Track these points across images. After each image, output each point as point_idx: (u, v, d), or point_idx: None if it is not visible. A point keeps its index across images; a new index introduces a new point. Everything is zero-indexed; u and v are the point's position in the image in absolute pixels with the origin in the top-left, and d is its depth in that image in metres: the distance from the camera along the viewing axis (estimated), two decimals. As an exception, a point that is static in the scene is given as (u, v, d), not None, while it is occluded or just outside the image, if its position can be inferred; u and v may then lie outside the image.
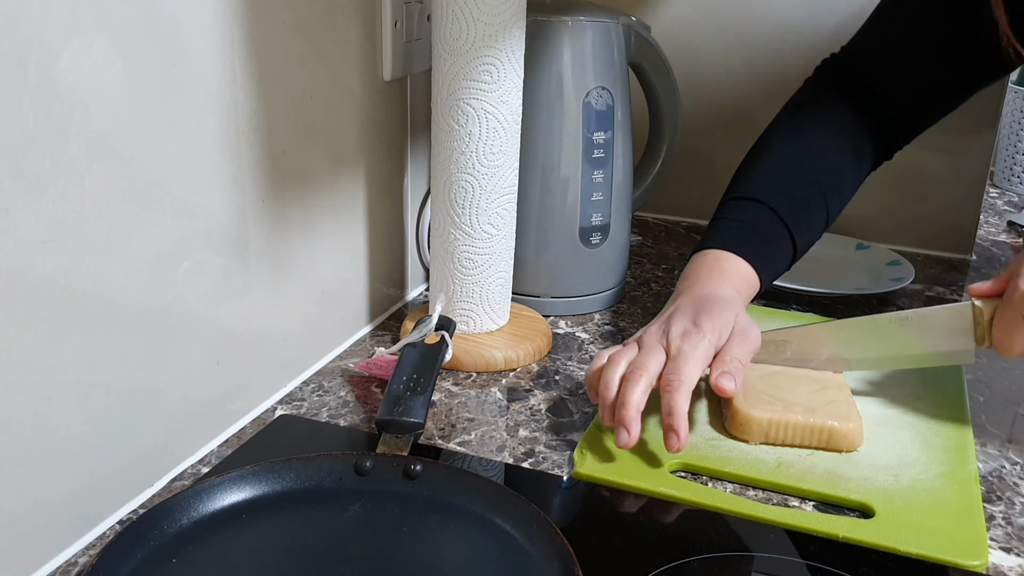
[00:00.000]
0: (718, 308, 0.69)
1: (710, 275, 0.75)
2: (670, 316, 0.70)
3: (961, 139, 1.09)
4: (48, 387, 0.52)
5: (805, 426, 0.66)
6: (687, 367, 0.64)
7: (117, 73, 0.53)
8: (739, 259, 0.76)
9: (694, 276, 0.76)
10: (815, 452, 0.67)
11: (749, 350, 0.68)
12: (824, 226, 0.83)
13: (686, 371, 0.64)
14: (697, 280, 0.75)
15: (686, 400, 0.62)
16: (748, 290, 0.76)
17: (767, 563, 0.56)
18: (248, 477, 0.58)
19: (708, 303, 0.70)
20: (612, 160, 0.89)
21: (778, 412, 0.67)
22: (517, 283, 0.88)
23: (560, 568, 0.51)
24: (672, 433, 0.62)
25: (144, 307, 0.58)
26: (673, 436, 0.61)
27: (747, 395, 0.69)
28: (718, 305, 0.70)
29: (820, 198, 0.81)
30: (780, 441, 0.67)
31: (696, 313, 0.69)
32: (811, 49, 1.10)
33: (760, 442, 0.67)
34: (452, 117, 0.76)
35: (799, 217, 0.79)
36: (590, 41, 0.86)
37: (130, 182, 0.55)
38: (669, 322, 0.69)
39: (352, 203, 0.81)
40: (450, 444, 0.68)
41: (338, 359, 0.81)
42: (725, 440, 0.68)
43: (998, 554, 0.58)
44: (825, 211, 0.82)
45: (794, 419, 0.67)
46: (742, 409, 0.67)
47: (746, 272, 0.76)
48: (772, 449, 0.67)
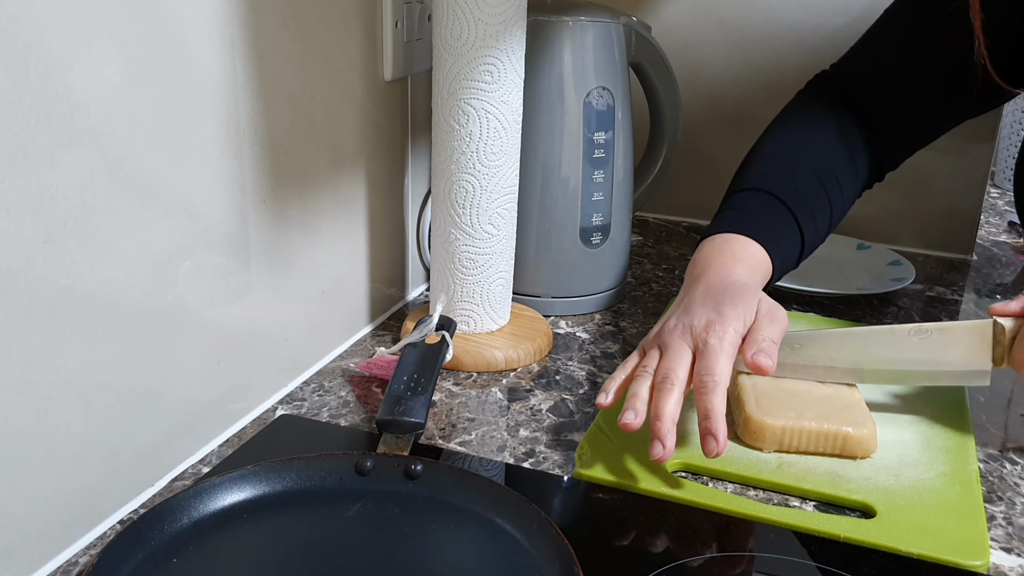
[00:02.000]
0: (739, 294, 0.66)
1: (722, 258, 0.72)
2: (687, 307, 0.67)
3: (962, 139, 1.09)
4: (49, 387, 0.52)
5: (819, 433, 0.65)
6: (718, 363, 0.61)
7: (118, 73, 0.53)
8: (749, 240, 0.74)
9: (705, 261, 0.73)
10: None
11: (779, 330, 0.64)
12: (828, 223, 0.82)
13: (718, 368, 0.61)
14: (709, 265, 0.72)
15: (723, 400, 0.60)
16: (762, 273, 0.73)
17: (768, 563, 0.56)
18: (249, 477, 0.58)
19: (726, 289, 0.67)
20: (613, 160, 0.89)
21: (791, 419, 0.66)
22: (518, 283, 0.88)
23: (560, 568, 0.51)
24: (710, 437, 0.59)
25: (145, 307, 0.58)
26: (711, 440, 0.59)
27: (759, 403, 0.68)
28: (738, 291, 0.67)
29: (822, 190, 0.80)
30: (794, 448, 0.66)
31: (716, 301, 0.66)
32: (812, 49, 1.10)
33: (774, 450, 0.66)
34: (453, 117, 0.76)
35: (804, 206, 0.78)
36: (591, 41, 0.86)
37: (131, 182, 0.55)
38: (689, 314, 0.66)
39: (353, 203, 0.81)
40: (451, 444, 0.68)
41: (339, 359, 0.81)
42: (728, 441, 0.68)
43: (999, 554, 0.58)
44: (828, 205, 0.80)
45: (808, 426, 0.65)
46: (755, 417, 0.66)
47: (758, 254, 0.73)
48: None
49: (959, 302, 1.00)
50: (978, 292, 1.03)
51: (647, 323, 0.91)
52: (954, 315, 0.96)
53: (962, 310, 0.98)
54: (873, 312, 0.95)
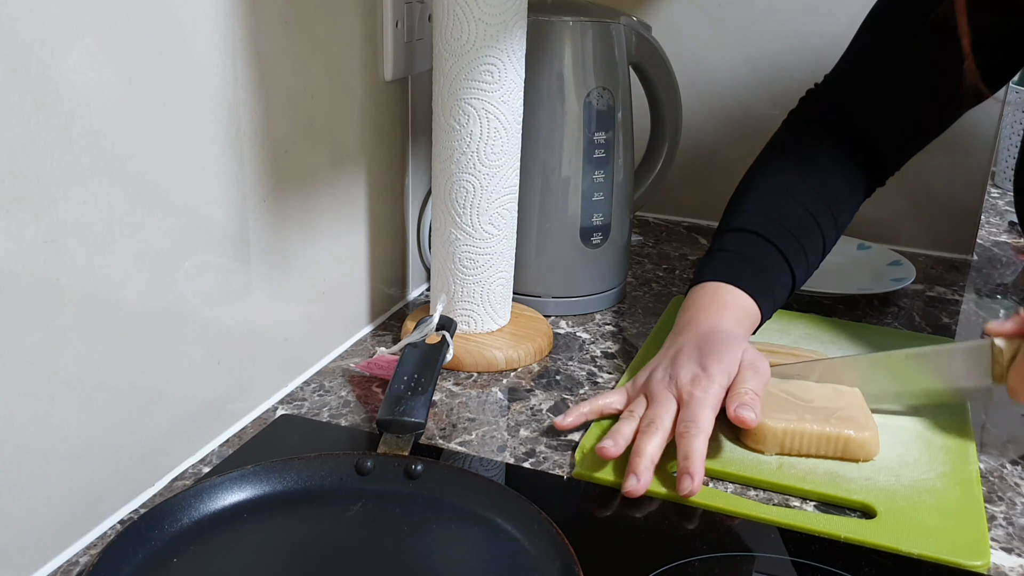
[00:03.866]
0: (725, 346, 0.68)
1: (711, 307, 0.74)
2: (674, 358, 0.69)
3: (962, 139, 1.09)
4: (49, 387, 0.52)
5: (821, 435, 0.65)
6: (702, 414, 0.63)
7: (118, 73, 0.53)
8: (739, 291, 0.75)
9: (694, 309, 0.75)
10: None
11: (761, 383, 0.66)
12: (821, 256, 0.82)
13: (702, 418, 0.63)
14: (697, 314, 0.74)
15: (704, 446, 0.62)
16: (749, 322, 0.75)
17: (768, 563, 0.56)
18: (249, 477, 0.58)
19: (712, 341, 0.69)
20: (613, 160, 0.89)
21: (793, 422, 0.66)
22: (518, 283, 0.88)
23: (561, 568, 0.51)
24: (687, 475, 0.60)
25: (145, 307, 0.58)
26: (687, 479, 0.60)
27: (762, 406, 0.67)
28: (724, 343, 0.69)
29: (816, 228, 0.80)
30: (796, 451, 0.66)
31: (702, 355, 0.68)
32: (812, 49, 1.10)
33: (776, 453, 0.66)
34: (453, 117, 0.76)
35: (796, 248, 0.78)
36: (591, 41, 0.86)
37: (131, 182, 0.55)
38: (675, 366, 0.68)
39: (353, 203, 0.81)
40: (451, 444, 0.68)
41: (339, 359, 0.81)
42: (728, 441, 0.68)
43: (999, 554, 0.58)
44: (822, 241, 0.81)
45: (809, 429, 0.65)
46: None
47: (746, 304, 0.75)
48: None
49: (959, 302, 1.00)
50: (978, 292, 1.03)
51: (647, 323, 0.91)
52: (954, 315, 0.96)
53: (962, 310, 0.98)
54: (873, 312, 0.95)
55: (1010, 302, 1.00)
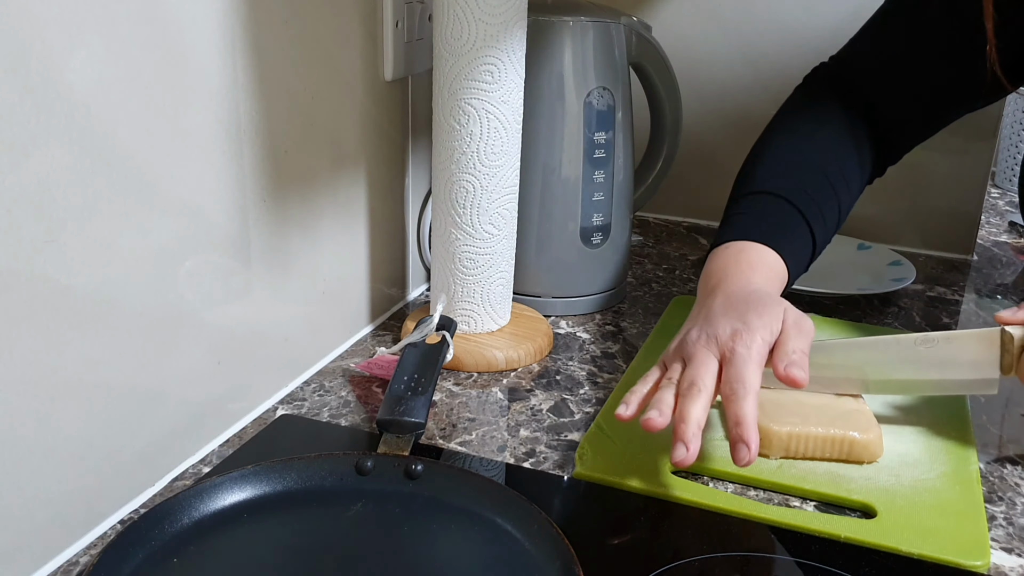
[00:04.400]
0: (763, 303, 0.64)
1: (738, 267, 0.70)
2: (707, 317, 0.65)
3: (962, 139, 1.09)
4: (49, 387, 0.52)
5: (825, 438, 0.65)
6: (748, 371, 0.59)
7: (118, 73, 0.53)
8: (765, 248, 0.71)
9: (720, 271, 0.70)
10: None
11: (807, 342, 0.62)
12: (837, 220, 0.80)
13: (748, 375, 0.58)
14: (725, 275, 0.69)
15: (755, 407, 0.58)
16: (779, 281, 0.71)
17: (768, 563, 0.56)
18: (249, 477, 0.58)
19: (749, 299, 0.65)
20: (613, 160, 0.89)
21: (797, 425, 0.65)
22: (518, 283, 0.88)
23: (561, 568, 0.51)
24: (742, 444, 0.56)
25: (145, 307, 0.58)
26: (743, 447, 0.56)
27: (764, 410, 0.66)
28: (761, 300, 0.64)
29: (830, 188, 0.78)
30: (801, 455, 0.65)
31: (740, 311, 0.63)
32: (812, 49, 1.10)
33: (781, 457, 0.66)
34: (453, 117, 0.76)
35: (813, 206, 0.76)
36: (591, 41, 0.86)
37: (131, 182, 0.55)
38: (711, 323, 0.63)
39: (353, 203, 0.81)
40: (451, 444, 0.68)
41: (339, 359, 0.81)
42: (728, 441, 0.68)
43: (1000, 554, 0.58)
44: (836, 203, 0.79)
45: (814, 432, 0.65)
46: (761, 424, 0.64)
47: (774, 262, 0.71)
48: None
49: (960, 302, 1.00)
50: (979, 292, 1.03)
51: (647, 323, 0.91)
52: (955, 315, 0.96)
53: (963, 310, 0.98)
54: (873, 312, 0.95)
55: (1010, 302, 1.00)
